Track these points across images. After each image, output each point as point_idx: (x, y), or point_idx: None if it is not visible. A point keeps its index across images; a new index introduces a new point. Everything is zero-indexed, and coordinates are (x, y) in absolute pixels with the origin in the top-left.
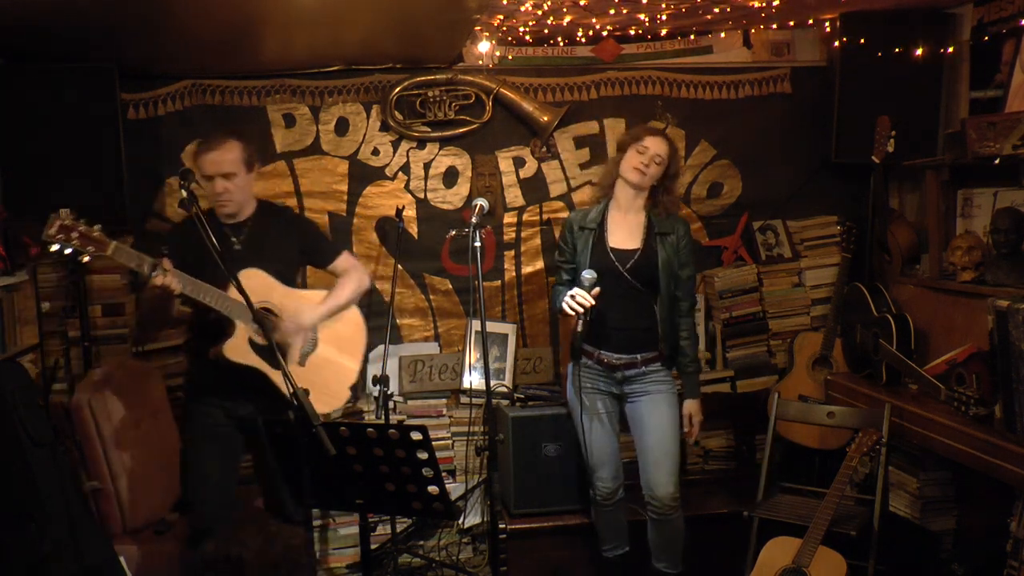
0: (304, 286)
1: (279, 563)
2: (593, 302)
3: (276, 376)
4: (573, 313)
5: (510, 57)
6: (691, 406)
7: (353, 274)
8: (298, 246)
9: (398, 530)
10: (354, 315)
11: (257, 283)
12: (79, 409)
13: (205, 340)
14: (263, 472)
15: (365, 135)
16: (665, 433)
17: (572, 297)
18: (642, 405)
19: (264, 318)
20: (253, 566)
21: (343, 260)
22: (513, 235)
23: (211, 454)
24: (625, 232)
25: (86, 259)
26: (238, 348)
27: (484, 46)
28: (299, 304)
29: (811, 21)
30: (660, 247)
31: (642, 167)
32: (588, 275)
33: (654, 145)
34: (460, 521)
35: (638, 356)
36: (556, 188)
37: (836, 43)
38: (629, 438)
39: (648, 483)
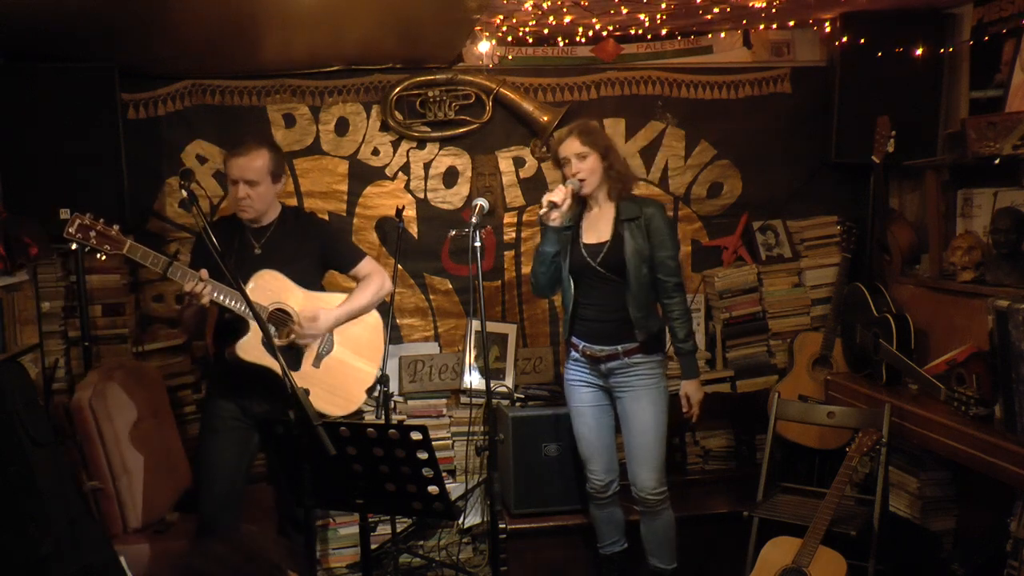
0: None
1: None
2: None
3: (293, 377)
4: (560, 200)
5: (510, 57)
6: (688, 387)
7: (374, 279)
8: (320, 251)
9: (398, 530)
10: (374, 319)
11: (273, 284)
12: (79, 409)
13: (223, 339)
14: (276, 472)
15: (365, 135)
16: (647, 429)
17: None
18: (626, 401)
19: (281, 318)
20: None
21: (365, 265)
22: (513, 235)
23: (222, 446)
24: (597, 227)
25: (103, 257)
26: (251, 348)
27: (484, 46)
28: (318, 306)
29: (811, 21)
30: (627, 234)
31: (575, 176)
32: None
33: (567, 150)
34: (460, 521)
35: (619, 348)
36: None
37: (836, 43)
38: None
39: (632, 477)
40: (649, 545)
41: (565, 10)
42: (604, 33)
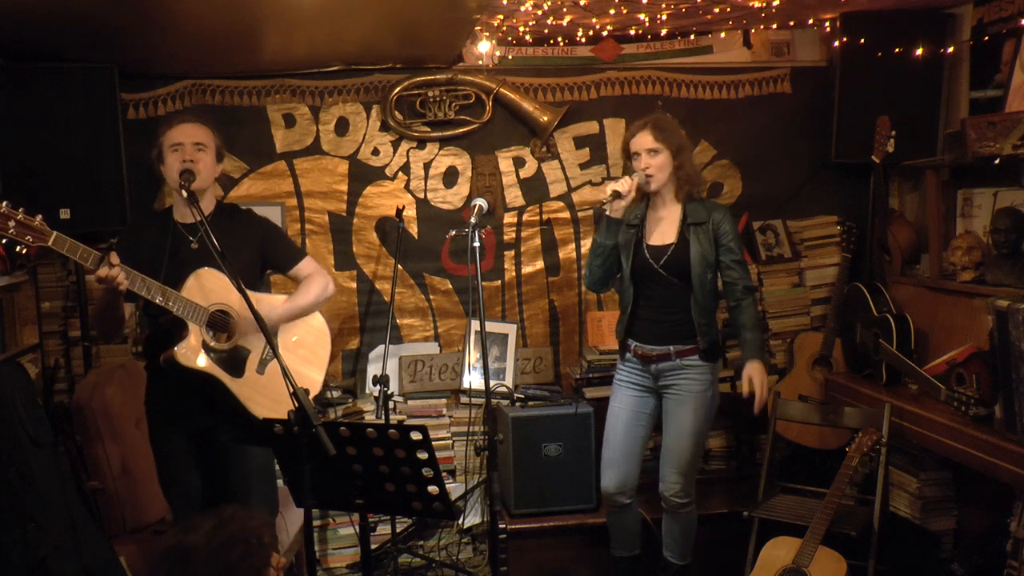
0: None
1: (231, 544)
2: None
3: (235, 386)
4: (625, 190)
5: (510, 57)
6: (751, 367)
7: (317, 279)
8: (259, 249)
9: (398, 530)
10: (319, 323)
11: (214, 284)
12: (79, 409)
13: (157, 348)
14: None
15: (365, 135)
16: (683, 435)
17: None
18: (671, 403)
19: (223, 320)
20: (201, 550)
21: (306, 265)
22: (513, 235)
23: (188, 469)
24: (662, 228)
25: (24, 250)
26: (190, 353)
27: (484, 46)
28: (259, 308)
29: (811, 21)
30: (693, 238)
31: (645, 171)
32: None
33: (639, 144)
34: (460, 521)
35: (671, 348)
36: (556, 188)
37: (836, 43)
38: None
39: (661, 477)
40: (666, 539)
41: (565, 10)
42: (604, 33)
